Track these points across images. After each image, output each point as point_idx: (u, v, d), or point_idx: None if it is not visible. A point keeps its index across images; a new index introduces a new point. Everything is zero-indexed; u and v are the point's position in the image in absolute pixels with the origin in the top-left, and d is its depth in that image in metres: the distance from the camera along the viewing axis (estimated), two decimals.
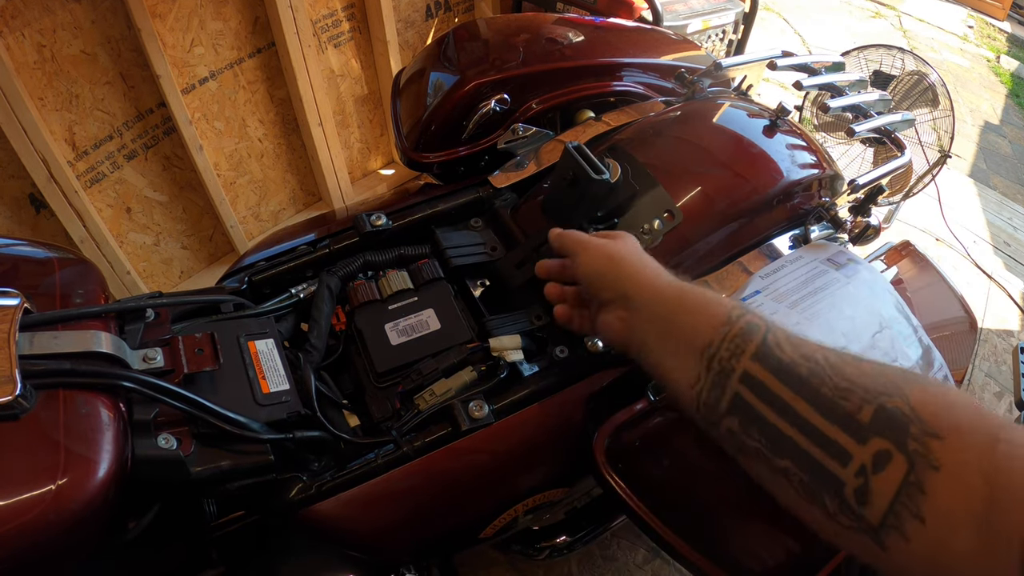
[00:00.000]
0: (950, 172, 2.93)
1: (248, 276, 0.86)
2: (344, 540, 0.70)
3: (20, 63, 1.29)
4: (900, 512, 0.40)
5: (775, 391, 0.47)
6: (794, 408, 0.46)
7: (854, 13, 4.43)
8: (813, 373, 0.47)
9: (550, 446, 0.80)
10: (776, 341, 0.50)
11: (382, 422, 0.77)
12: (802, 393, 0.46)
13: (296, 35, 1.71)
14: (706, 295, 0.57)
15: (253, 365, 0.71)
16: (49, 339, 0.54)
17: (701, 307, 0.55)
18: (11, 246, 0.66)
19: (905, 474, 0.41)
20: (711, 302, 0.55)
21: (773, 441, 0.47)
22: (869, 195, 0.98)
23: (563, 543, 1.15)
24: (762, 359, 0.49)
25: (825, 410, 0.45)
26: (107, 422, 0.51)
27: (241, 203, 1.92)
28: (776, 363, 0.48)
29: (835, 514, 0.44)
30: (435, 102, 1.07)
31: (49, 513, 0.45)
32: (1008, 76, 4.08)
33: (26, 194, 1.43)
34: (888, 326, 0.85)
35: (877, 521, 0.41)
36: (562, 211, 0.84)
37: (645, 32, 1.40)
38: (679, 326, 0.56)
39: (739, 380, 0.50)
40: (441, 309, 0.85)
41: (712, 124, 1.00)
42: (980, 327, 2.27)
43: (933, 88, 1.77)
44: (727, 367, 0.51)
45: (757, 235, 0.93)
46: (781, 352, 0.49)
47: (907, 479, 0.40)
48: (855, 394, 0.44)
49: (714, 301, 0.55)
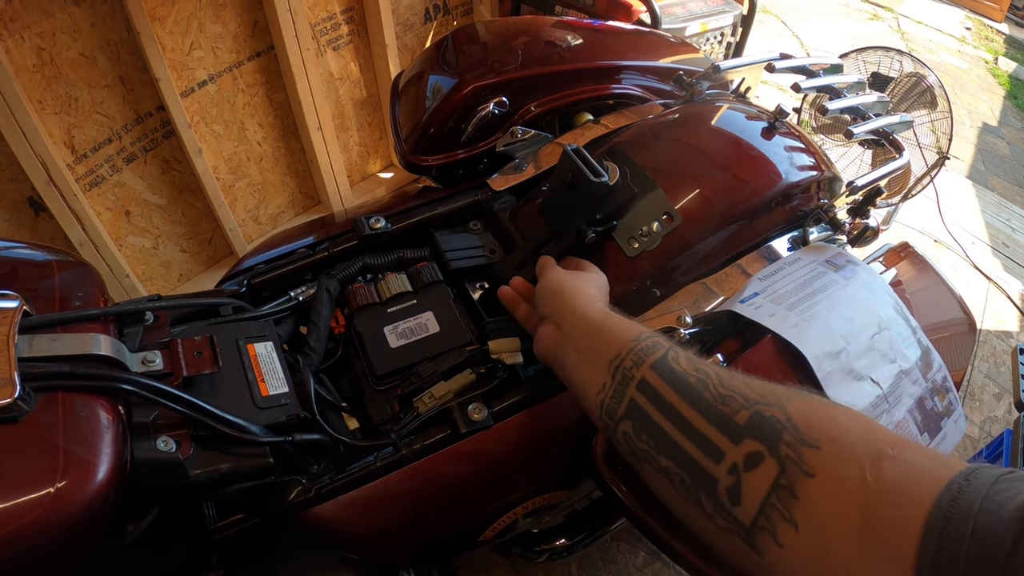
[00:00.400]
0: (948, 174, 2.93)
1: (247, 279, 0.86)
2: (343, 543, 0.70)
3: (19, 66, 1.29)
4: (771, 514, 0.42)
5: (664, 395, 0.52)
6: (678, 410, 0.50)
7: (852, 15, 4.44)
8: (700, 381, 0.51)
9: (549, 448, 0.80)
10: (675, 357, 0.54)
11: (381, 425, 0.77)
12: (686, 397, 0.50)
13: (295, 38, 1.71)
14: (625, 322, 0.62)
15: (252, 368, 0.71)
16: (48, 342, 0.53)
17: (618, 329, 0.61)
18: (10, 249, 0.66)
19: (776, 476, 0.42)
20: (627, 326, 0.61)
21: (658, 441, 0.51)
22: (867, 197, 0.99)
23: (563, 546, 1.14)
24: (658, 369, 0.54)
25: (705, 412, 0.48)
26: (106, 425, 0.51)
27: (240, 206, 1.92)
28: (670, 372, 0.53)
29: (712, 514, 0.46)
30: (434, 105, 1.07)
31: (48, 516, 0.44)
32: (1006, 77, 4.09)
33: (25, 197, 1.43)
34: (887, 327, 0.85)
35: (749, 522, 0.43)
36: (561, 214, 0.84)
37: (643, 35, 1.40)
38: (596, 343, 0.61)
39: (636, 387, 0.54)
40: (440, 312, 0.85)
41: (710, 126, 1.00)
42: (979, 328, 2.27)
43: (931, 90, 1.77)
44: (628, 375, 0.55)
45: (756, 237, 0.93)
46: (676, 364, 0.53)
47: (778, 482, 0.42)
48: (735, 400, 0.47)
49: (631, 326, 0.61)
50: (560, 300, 0.68)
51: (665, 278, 0.87)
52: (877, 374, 0.81)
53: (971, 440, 1.92)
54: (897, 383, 0.82)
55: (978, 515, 0.34)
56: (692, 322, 0.80)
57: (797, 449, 0.42)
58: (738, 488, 0.44)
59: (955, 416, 0.88)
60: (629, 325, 0.61)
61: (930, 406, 0.85)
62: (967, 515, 0.34)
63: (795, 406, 0.45)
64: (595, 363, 0.59)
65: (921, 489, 0.37)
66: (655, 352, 0.55)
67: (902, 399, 0.82)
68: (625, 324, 0.61)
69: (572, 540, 1.15)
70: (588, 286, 0.71)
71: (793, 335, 0.78)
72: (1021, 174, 3.20)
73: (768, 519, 0.42)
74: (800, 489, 0.41)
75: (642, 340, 0.57)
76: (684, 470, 0.48)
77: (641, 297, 0.86)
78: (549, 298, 0.70)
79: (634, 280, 0.85)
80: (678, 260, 0.87)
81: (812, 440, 0.42)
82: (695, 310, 0.85)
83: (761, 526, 0.42)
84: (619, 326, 0.61)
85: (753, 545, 0.43)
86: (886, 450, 0.40)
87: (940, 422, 0.86)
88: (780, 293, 0.84)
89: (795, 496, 0.41)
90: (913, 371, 0.84)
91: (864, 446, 0.41)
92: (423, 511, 0.74)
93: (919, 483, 0.38)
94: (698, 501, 0.47)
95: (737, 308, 0.82)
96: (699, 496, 0.47)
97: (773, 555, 0.42)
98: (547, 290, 0.71)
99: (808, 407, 0.45)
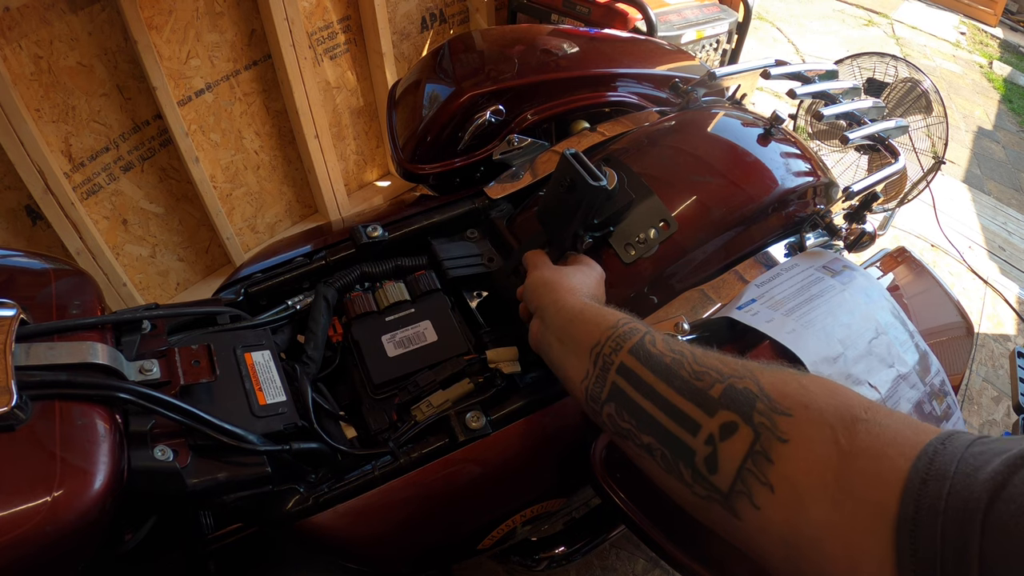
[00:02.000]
0: (944, 178, 2.95)
1: (244, 288, 0.86)
2: (341, 552, 0.70)
3: (17, 74, 1.30)
4: (747, 479, 0.44)
5: (642, 376, 0.54)
6: (655, 389, 0.53)
7: (847, 21, 4.47)
8: (675, 361, 0.53)
9: (548, 456, 0.80)
10: (652, 340, 0.57)
11: (379, 434, 0.77)
12: (663, 376, 0.53)
13: (292, 47, 1.72)
14: (602, 310, 0.64)
15: (250, 377, 0.71)
16: (45, 350, 0.53)
17: (596, 318, 0.63)
18: (7, 257, 0.66)
19: (751, 444, 0.44)
20: (605, 314, 0.63)
21: (639, 420, 0.53)
22: (864, 202, 0.99)
23: (562, 554, 1.14)
24: (636, 353, 0.56)
25: (681, 388, 0.51)
26: (103, 433, 0.51)
27: (237, 215, 1.92)
28: (647, 355, 0.55)
29: (691, 484, 0.48)
30: (431, 114, 1.07)
31: (45, 525, 0.44)
32: (1000, 81, 4.11)
33: (22, 205, 1.43)
34: (884, 332, 0.85)
35: (726, 488, 0.45)
36: (558, 219, 0.84)
37: (639, 42, 1.40)
38: (576, 332, 0.64)
39: (616, 371, 0.57)
40: (438, 321, 0.85)
41: (707, 133, 1.00)
42: (976, 332, 2.27)
43: (926, 95, 1.77)
44: (608, 361, 0.58)
45: (753, 243, 0.93)
46: (653, 347, 0.56)
47: (753, 448, 0.44)
48: (709, 376, 0.50)
49: (608, 313, 0.63)
50: (543, 294, 0.71)
51: (662, 284, 0.87)
52: (875, 379, 0.81)
53: None
54: (895, 387, 0.82)
55: (955, 476, 0.35)
56: (690, 328, 0.80)
57: (770, 417, 0.44)
58: (715, 457, 0.46)
59: (954, 420, 0.88)
60: (607, 313, 0.63)
61: (928, 410, 0.85)
62: (943, 476, 0.36)
63: (767, 377, 0.47)
64: (577, 352, 0.62)
65: (897, 451, 0.39)
66: (632, 337, 0.58)
67: (900, 403, 0.82)
68: (603, 312, 0.64)
69: (571, 548, 1.15)
70: (570, 279, 0.73)
71: (791, 341, 0.78)
72: (1017, 178, 3.22)
73: (744, 483, 0.44)
74: (774, 453, 0.43)
75: (619, 327, 0.60)
76: (664, 445, 0.51)
77: (638, 303, 0.86)
78: (533, 293, 0.73)
79: (631, 287, 0.85)
80: (675, 267, 0.87)
81: (785, 408, 0.44)
82: (693, 316, 0.85)
83: (738, 491, 0.44)
84: (598, 315, 0.63)
85: (732, 510, 0.45)
86: (859, 414, 0.42)
87: (939, 426, 0.86)
88: (777, 299, 0.85)
89: (770, 460, 0.43)
90: (911, 375, 0.85)
91: (836, 411, 0.43)
92: (421, 520, 0.73)
93: (895, 445, 0.39)
94: (679, 473, 0.49)
95: (735, 314, 0.82)
96: (679, 468, 0.49)
97: (750, 517, 0.44)
98: (531, 286, 0.74)
99: (780, 376, 0.47)
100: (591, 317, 0.64)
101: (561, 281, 0.72)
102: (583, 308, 0.66)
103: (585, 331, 0.62)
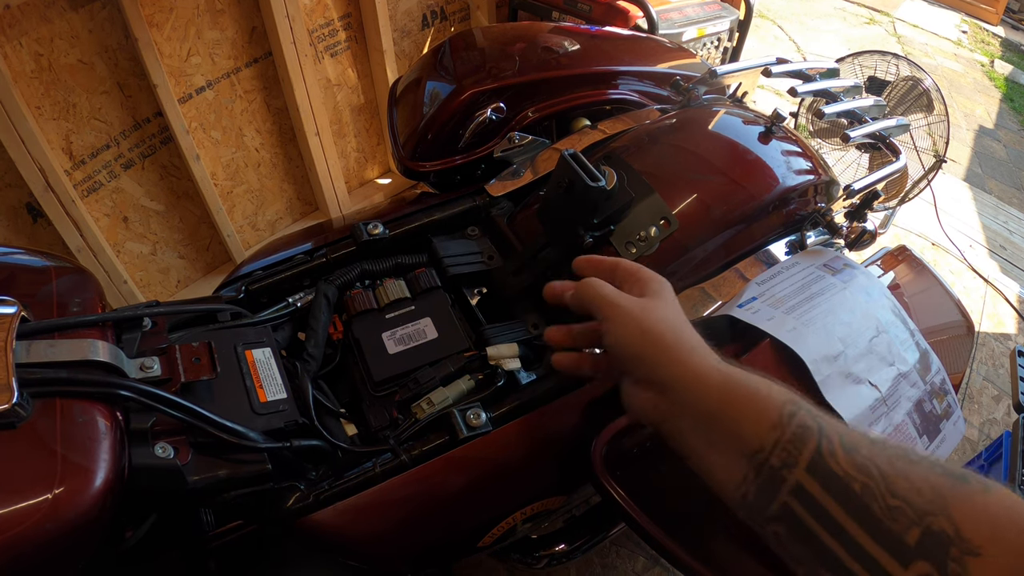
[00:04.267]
0: (945, 177, 2.94)
1: (245, 285, 0.86)
2: (342, 549, 0.70)
3: (17, 72, 1.30)
4: None
5: (827, 508, 0.46)
6: (843, 527, 0.45)
7: (848, 19, 4.46)
8: (866, 489, 0.45)
9: (548, 454, 0.80)
10: (831, 450, 0.47)
11: (379, 431, 0.77)
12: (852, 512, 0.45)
13: (293, 45, 1.72)
14: (753, 387, 0.52)
15: (250, 374, 0.71)
16: (46, 348, 0.53)
17: (749, 403, 0.51)
18: (8, 255, 0.65)
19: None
20: (759, 396, 0.51)
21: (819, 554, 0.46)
22: (865, 200, 0.99)
23: (562, 551, 1.14)
24: (814, 471, 0.47)
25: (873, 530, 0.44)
26: (104, 431, 0.51)
27: (238, 212, 1.92)
28: (829, 476, 0.46)
29: None
30: (431, 111, 1.07)
31: (46, 523, 0.44)
32: (1002, 80, 4.10)
33: (23, 203, 1.43)
34: (885, 330, 0.85)
35: None
36: (558, 219, 0.84)
37: (640, 40, 1.40)
38: (724, 424, 0.52)
39: (790, 492, 0.48)
40: (438, 318, 0.85)
41: (708, 131, 1.00)
42: (977, 331, 2.27)
43: (928, 93, 1.77)
44: (778, 476, 0.48)
45: (753, 241, 0.93)
46: (835, 463, 0.47)
47: None
48: (904, 514, 0.43)
49: (763, 395, 0.51)
50: (656, 365, 0.56)
51: None
52: (875, 377, 0.81)
53: (970, 442, 1.92)
54: (896, 386, 0.82)
55: None
56: None
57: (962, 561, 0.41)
58: None
59: (954, 418, 0.88)
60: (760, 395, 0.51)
61: (929, 409, 0.85)
62: None
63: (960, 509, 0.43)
64: (728, 450, 0.51)
65: None
66: (806, 443, 0.48)
67: (900, 402, 0.82)
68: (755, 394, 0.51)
69: (571, 545, 1.15)
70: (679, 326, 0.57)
71: (791, 339, 0.78)
72: (1018, 177, 3.21)
73: None
74: None
75: (786, 425, 0.49)
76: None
77: None
78: (637, 361, 0.57)
79: None
80: (676, 265, 0.87)
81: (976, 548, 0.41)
82: (693, 315, 0.85)
83: None
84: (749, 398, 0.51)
85: None
86: None
87: (939, 424, 0.86)
88: (778, 297, 0.85)
89: None
90: (912, 374, 0.85)
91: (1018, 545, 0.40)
92: (422, 517, 0.73)
93: None
94: None
95: (735, 312, 0.82)
96: None
97: None
98: (629, 351, 0.58)
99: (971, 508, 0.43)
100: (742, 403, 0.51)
101: (680, 336, 0.57)
102: (726, 386, 0.53)
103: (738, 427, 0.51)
